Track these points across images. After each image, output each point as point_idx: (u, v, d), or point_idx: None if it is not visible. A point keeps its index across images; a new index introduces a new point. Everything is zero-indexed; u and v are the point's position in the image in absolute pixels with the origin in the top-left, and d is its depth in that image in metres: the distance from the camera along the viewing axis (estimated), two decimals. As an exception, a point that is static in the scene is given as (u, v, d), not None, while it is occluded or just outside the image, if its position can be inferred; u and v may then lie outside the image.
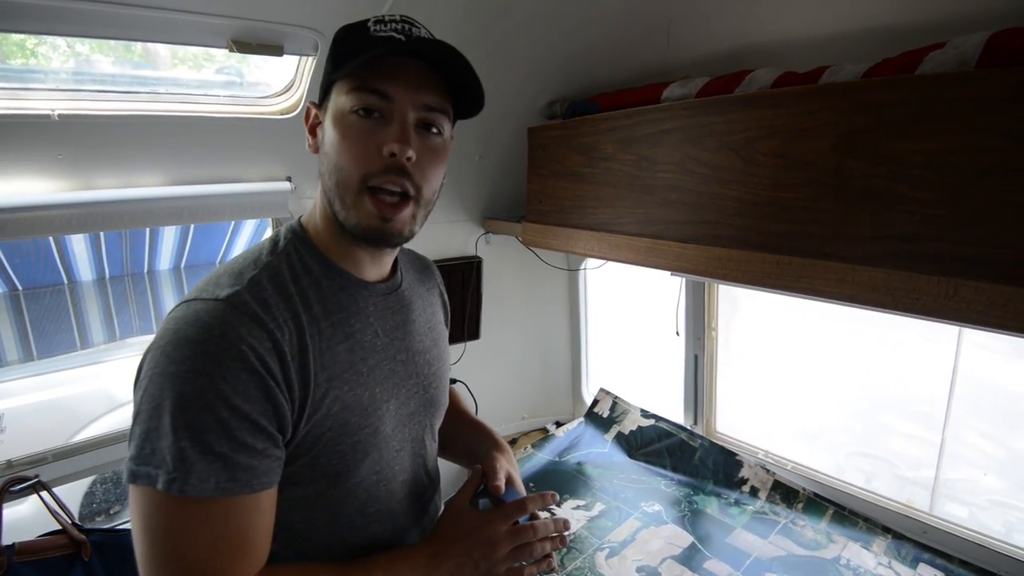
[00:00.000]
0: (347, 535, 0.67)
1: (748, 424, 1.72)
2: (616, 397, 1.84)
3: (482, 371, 1.77)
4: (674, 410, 1.73)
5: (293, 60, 1.17)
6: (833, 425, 2.01)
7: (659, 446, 1.65)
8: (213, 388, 0.52)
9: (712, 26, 1.26)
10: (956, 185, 0.73)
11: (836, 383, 1.97)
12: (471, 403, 1.70)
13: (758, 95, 0.97)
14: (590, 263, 1.89)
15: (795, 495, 1.41)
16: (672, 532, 1.34)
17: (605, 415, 1.82)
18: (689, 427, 1.68)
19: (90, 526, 1.03)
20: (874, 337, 1.82)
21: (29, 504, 1.17)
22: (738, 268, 0.97)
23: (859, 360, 1.89)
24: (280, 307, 0.59)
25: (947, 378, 1.69)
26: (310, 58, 1.14)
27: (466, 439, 0.90)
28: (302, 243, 0.66)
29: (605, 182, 1.26)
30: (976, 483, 1.72)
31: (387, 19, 0.63)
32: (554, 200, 1.42)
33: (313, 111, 0.68)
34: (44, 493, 1.03)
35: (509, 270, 1.82)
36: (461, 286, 1.69)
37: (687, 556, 1.26)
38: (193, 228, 2.70)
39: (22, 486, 1.04)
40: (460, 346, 1.72)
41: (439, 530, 0.69)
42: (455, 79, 0.63)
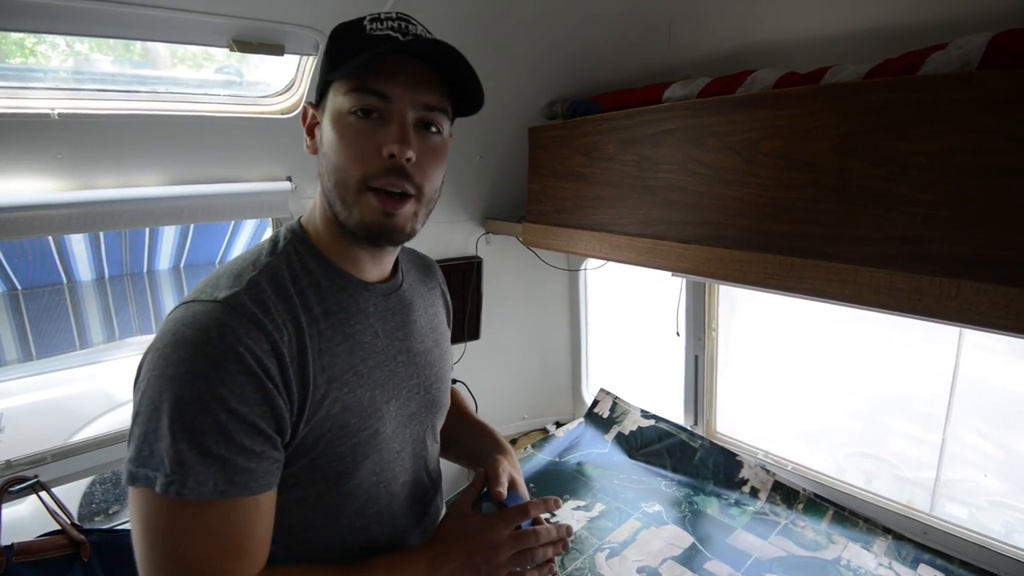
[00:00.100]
0: (347, 536, 0.66)
1: (748, 425, 1.72)
2: (616, 397, 1.84)
3: (482, 371, 1.77)
4: (674, 410, 1.73)
5: (293, 59, 1.17)
6: (833, 426, 2.01)
7: (659, 446, 1.65)
8: (211, 391, 0.52)
9: (713, 26, 1.26)
10: (958, 186, 0.73)
11: (836, 384, 1.97)
12: (471, 403, 1.70)
13: (760, 95, 0.97)
14: (590, 263, 1.89)
15: (795, 496, 1.41)
16: (672, 533, 1.34)
17: (605, 415, 1.82)
18: (689, 427, 1.68)
19: (89, 526, 1.02)
20: (874, 338, 1.82)
21: (28, 504, 1.17)
22: (740, 269, 0.97)
23: (860, 361, 1.89)
24: (279, 308, 0.59)
25: (948, 379, 1.69)
26: (311, 57, 1.14)
27: (469, 440, 0.90)
28: (302, 244, 0.66)
29: (606, 182, 1.26)
30: (976, 484, 1.72)
31: (383, 17, 0.62)
32: (555, 200, 1.42)
33: (310, 111, 0.67)
34: (43, 493, 1.03)
35: (509, 270, 1.82)
36: (461, 286, 1.69)
37: (687, 557, 1.26)
38: (193, 228, 2.70)
39: (21, 486, 1.03)
40: (460, 346, 1.72)
41: (441, 533, 0.69)
42: (454, 77, 0.63)
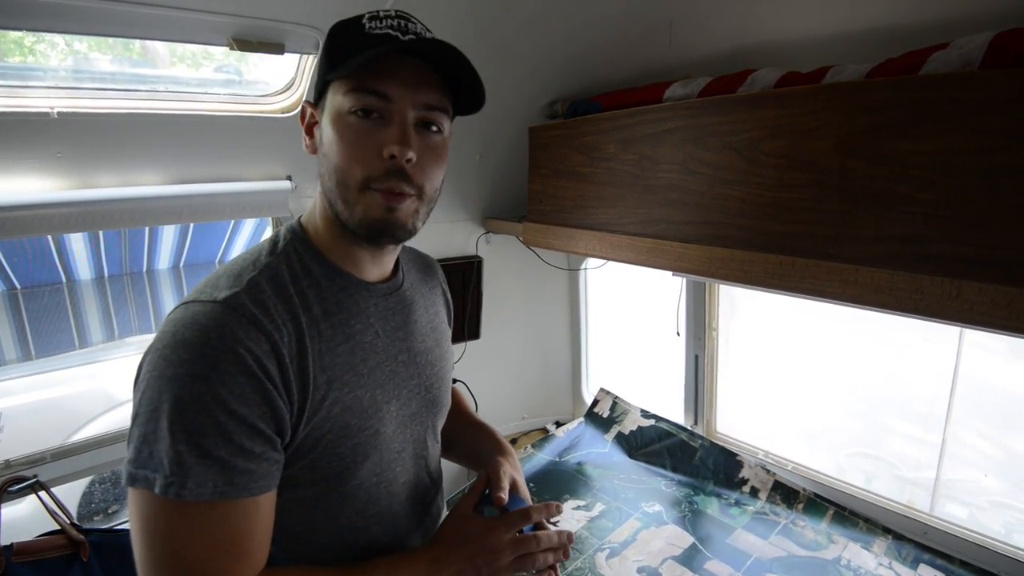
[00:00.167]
0: (348, 537, 0.66)
1: (748, 424, 1.72)
2: (616, 397, 1.84)
3: (482, 371, 1.76)
4: (674, 410, 1.73)
5: (293, 58, 1.17)
6: (834, 425, 2.01)
7: (659, 446, 1.64)
8: (210, 392, 0.52)
9: (714, 26, 1.26)
10: (959, 186, 0.73)
11: (837, 383, 1.97)
12: (471, 403, 1.69)
13: (761, 95, 0.97)
14: (590, 263, 1.89)
15: (795, 496, 1.41)
16: (672, 532, 1.34)
17: (605, 415, 1.82)
18: (689, 427, 1.68)
19: (89, 526, 1.02)
20: (874, 337, 1.82)
21: (27, 504, 1.17)
22: (741, 268, 0.97)
23: (860, 360, 1.89)
24: (279, 309, 0.58)
25: (948, 379, 1.69)
26: (311, 56, 1.14)
27: (470, 440, 0.90)
28: (302, 243, 0.65)
29: (607, 182, 1.26)
30: (976, 484, 1.72)
31: (382, 15, 0.62)
32: (555, 200, 1.42)
33: (309, 110, 0.66)
34: (42, 493, 1.03)
35: (510, 270, 1.82)
36: (461, 286, 1.69)
37: (688, 557, 1.26)
38: (192, 227, 2.70)
39: (20, 486, 1.03)
40: (460, 346, 1.71)
41: (441, 535, 0.69)
42: (455, 76, 0.62)
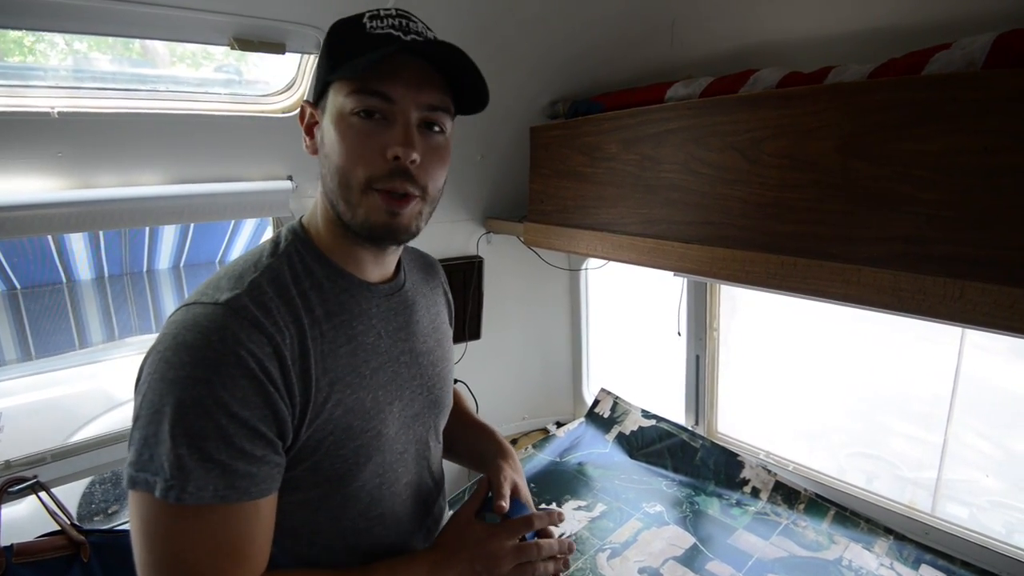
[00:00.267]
0: (350, 538, 0.66)
1: (749, 425, 1.72)
2: (617, 397, 1.84)
3: (483, 371, 1.76)
4: (675, 410, 1.73)
5: (293, 58, 1.17)
6: (834, 426, 2.01)
7: (660, 447, 1.64)
8: (212, 395, 0.51)
9: (715, 26, 1.26)
10: (962, 186, 0.73)
11: (837, 384, 1.97)
12: (472, 403, 1.69)
13: (763, 95, 0.97)
14: (591, 263, 1.88)
15: (796, 496, 1.41)
16: (674, 533, 1.34)
17: (606, 415, 1.82)
18: (690, 428, 1.68)
19: (89, 527, 1.02)
20: (875, 337, 1.82)
21: (27, 504, 1.17)
22: (743, 269, 0.96)
23: (861, 361, 1.89)
24: (281, 310, 0.58)
25: (949, 379, 1.69)
26: (312, 56, 1.14)
27: (471, 441, 0.90)
28: (303, 244, 0.65)
29: (608, 182, 1.25)
30: (976, 484, 1.72)
31: (382, 14, 0.61)
32: (556, 200, 1.42)
33: (308, 110, 0.66)
34: (42, 494, 1.02)
35: (510, 270, 1.81)
36: (462, 286, 1.68)
37: (689, 557, 1.26)
38: (192, 227, 2.70)
39: (20, 487, 1.03)
40: (461, 346, 1.71)
41: (443, 539, 0.69)
42: (457, 76, 0.62)
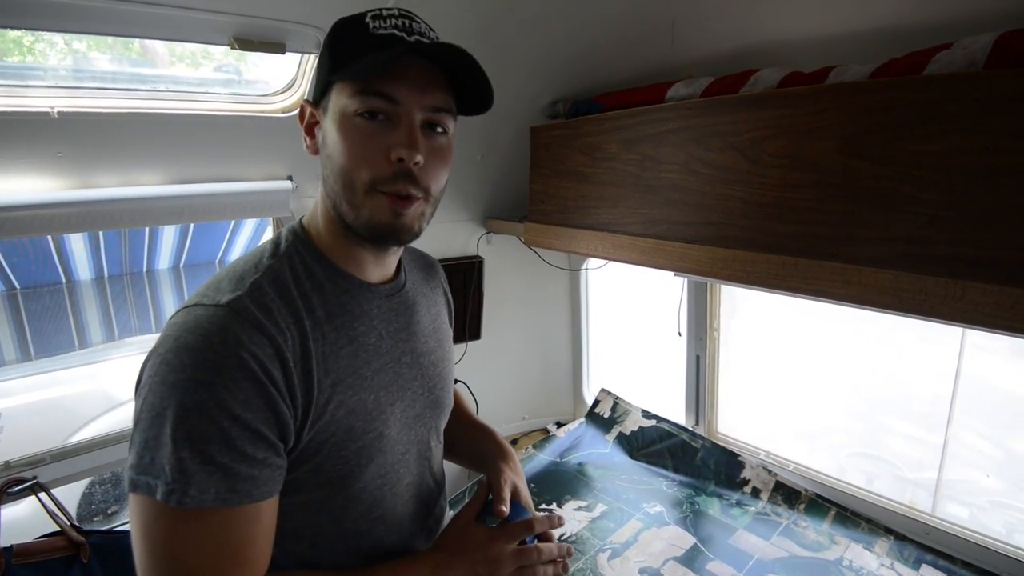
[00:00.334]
0: (352, 539, 0.66)
1: (750, 425, 1.72)
2: (617, 397, 1.84)
3: (483, 371, 1.76)
4: (675, 411, 1.73)
5: (293, 58, 1.16)
6: (834, 426, 2.01)
7: (660, 447, 1.64)
8: (214, 397, 0.51)
9: (716, 26, 1.26)
10: (964, 187, 0.73)
11: (838, 384, 1.97)
12: (472, 403, 1.69)
13: (764, 95, 0.97)
14: (591, 263, 1.88)
15: (797, 496, 1.41)
16: (674, 533, 1.34)
17: (606, 415, 1.82)
18: (691, 428, 1.68)
19: (88, 527, 1.02)
20: (875, 338, 1.82)
21: (27, 505, 1.16)
22: (743, 269, 0.96)
23: (861, 361, 1.89)
24: (282, 312, 0.58)
25: (949, 379, 1.69)
26: (312, 56, 1.13)
27: (471, 442, 0.90)
28: (304, 245, 0.65)
29: (608, 182, 1.25)
30: (976, 484, 1.72)
31: (385, 14, 0.61)
32: (557, 200, 1.42)
33: (308, 109, 0.65)
34: (42, 494, 1.02)
35: (511, 270, 1.81)
36: (463, 286, 1.68)
37: (689, 557, 1.26)
38: (192, 227, 2.69)
39: (20, 487, 1.03)
40: (461, 346, 1.71)
41: (444, 542, 0.69)
42: (462, 77, 0.62)
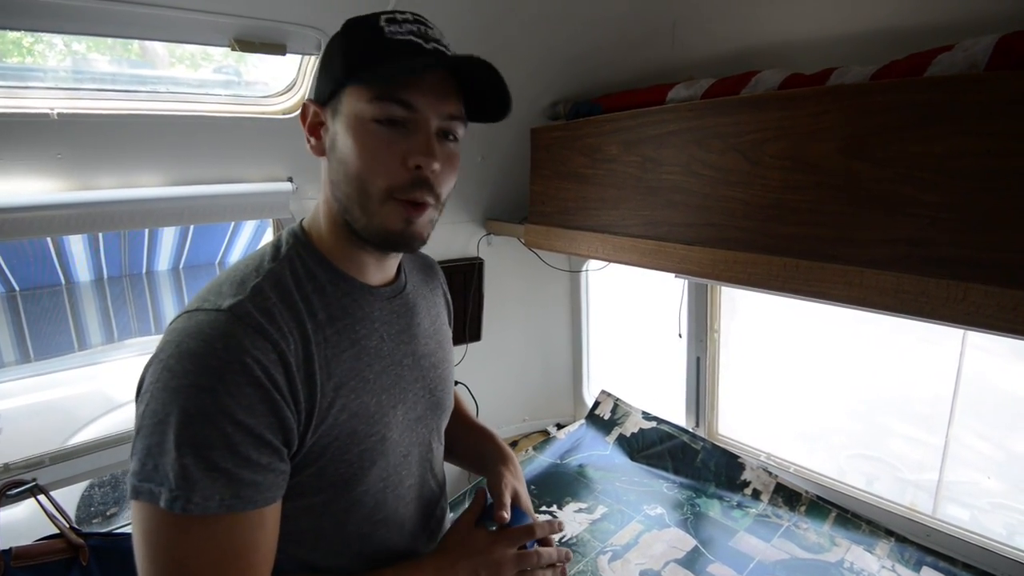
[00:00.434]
0: (354, 542, 0.66)
1: (750, 426, 1.72)
2: (617, 399, 1.84)
3: (483, 373, 1.76)
4: (676, 412, 1.73)
5: (294, 59, 1.16)
6: (835, 427, 2.01)
7: (661, 448, 1.64)
8: (217, 403, 0.51)
9: (717, 27, 1.26)
10: (965, 188, 0.73)
11: (838, 385, 1.97)
12: (472, 405, 1.69)
13: (765, 97, 0.97)
14: (592, 265, 1.88)
15: (798, 498, 1.40)
16: (675, 535, 1.34)
17: (606, 417, 1.81)
18: (691, 429, 1.68)
19: (88, 530, 1.01)
20: (876, 339, 1.82)
21: (26, 507, 1.16)
22: (744, 271, 0.96)
23: (861, 362, 1.89)
24: (284, 316, 0.57)
25: (950, 380, 1.69)
26: (312, 57, 1.13)
27: (472, 444, 0.90)
28: (305, 248, 0.64)
29: (609, 184, 1.25)
30: (977, 485, 1.72)
31: (399, 18, 0.60)
32: (557, 202, 1.41)
33: (312, 109, 0.64)
34: (41, 497, 1.02)
35: (511, 271, 1.81)
36: (463, 287, 1.68)
37: (690, 559, 1.26)
38: (192, 229, 2.69)
39: (19, 490, 1.02)
40: (462, 348, 1.71)
41: (445, 545, 0.69)
42: (475, 87, 0.61)
